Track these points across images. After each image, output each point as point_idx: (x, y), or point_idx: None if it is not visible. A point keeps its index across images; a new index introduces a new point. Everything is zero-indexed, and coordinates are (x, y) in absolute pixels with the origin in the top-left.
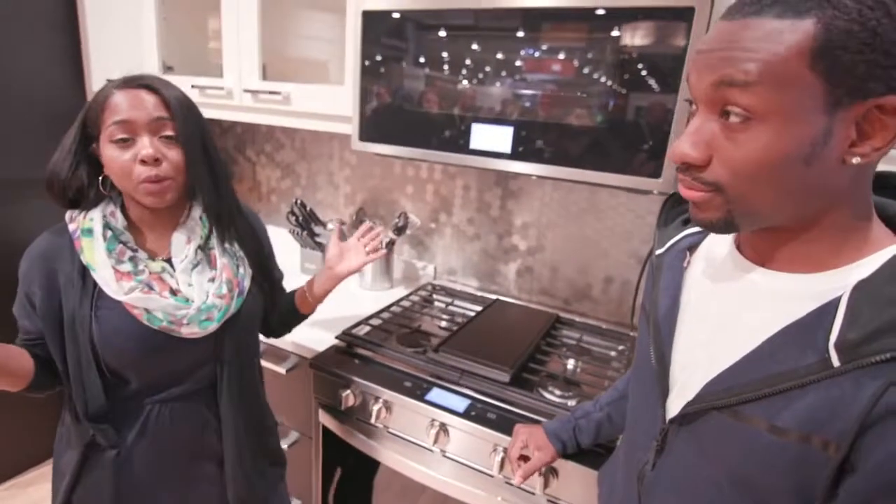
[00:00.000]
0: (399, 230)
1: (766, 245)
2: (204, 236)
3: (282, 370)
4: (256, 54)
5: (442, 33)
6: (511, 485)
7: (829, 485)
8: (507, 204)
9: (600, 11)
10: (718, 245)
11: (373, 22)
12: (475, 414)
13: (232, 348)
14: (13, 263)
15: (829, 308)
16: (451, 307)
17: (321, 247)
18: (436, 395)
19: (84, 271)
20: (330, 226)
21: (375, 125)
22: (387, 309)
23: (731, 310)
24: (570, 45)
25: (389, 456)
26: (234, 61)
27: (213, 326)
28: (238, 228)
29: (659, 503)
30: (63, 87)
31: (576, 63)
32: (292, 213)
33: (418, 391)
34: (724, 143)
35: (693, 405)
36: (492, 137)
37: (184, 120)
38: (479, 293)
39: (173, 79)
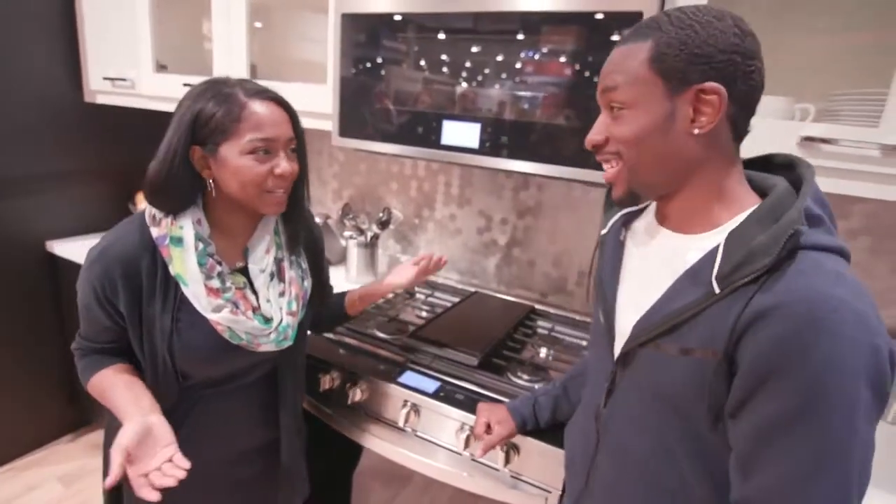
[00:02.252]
0: (383, 225)
1: (670, 213)
2: (280, 245)
3: None
4: (245, 54)
5: (412, 33)
6: (476, 462)
7: (718, 384)
8: (488, 200)
9: (560, 13)
10: (645, 219)
11: (350, 24)
12: (444, 395)
13: (290, 351)
14: (14, 255)
15: (712, 254)
16: (430, 298)
17: None
18: (408, 377)
19: (167, 280)
20: (316, 219)
21: (353, 121)
22: None
23: (649, 266)
24: (532, 45)
25: (364, 436)
26: (225, 61)
27: (287, 344)
28: (306, 239)
29: (612, 435)
30: (61, 87)
31: (538, 61)
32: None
33: (392, 374)
34: (613, 127)
35: (627, 345)
36: (461, 133)
37: (302, 136)
38: (460, 286)
39: (166, 77)
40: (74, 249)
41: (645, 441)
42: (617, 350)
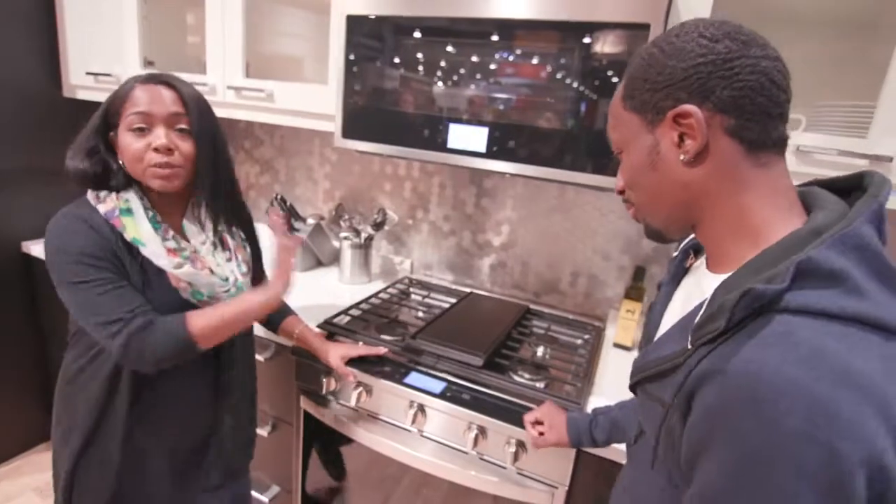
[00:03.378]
0: (377, 226)
1: (705, 248)
2: (212, 228)
3: (261, 358)
4: (240, 52)
5: (421, 37)
6: (484, 460)
7: (675, 441)
8: (482, 202)
9: (568, 22)
10: None
11: (356, 26)
12: (451, 395)
13: None
14: None
15: (704, 302)
16: (427, 299)
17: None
18: (414, 378)
19: (127, 248)
20: (310, 220)
21: (357, 123)
22: (366, 300)
23: (680, 301)
24: (542, 52)
25: (368, 437)
26: (219, 58)
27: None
28: (241, 223)
29: (630, 471)
30: (38, 80)
31: (546, 69)
32: (272, 207)
33: (397, 375)
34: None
35: (630, 383)
36: (468, 137)
37: (197, 115)
38: (454, 286)
39: None
40: None
41: (644, 482)
42: None
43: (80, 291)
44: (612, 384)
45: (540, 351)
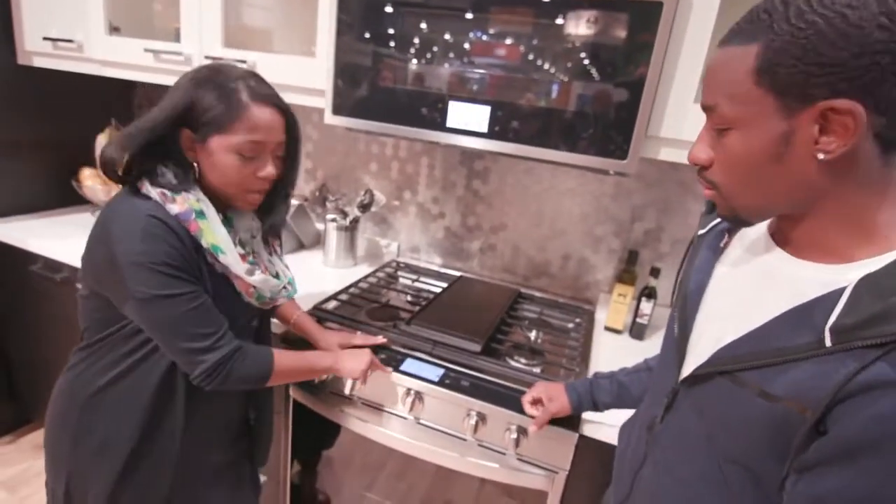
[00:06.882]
0: (364, 207)
1: (789, 232)
2: (258, 228)
3: None
4: (219, 19)
5: (418, 11)
6: (484, 447)
7: (802, 443)
8: (472, 184)
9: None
10: (755, 229)
11: None
12: (449, 382)
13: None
14: None
15: (834, 296)
16: (416, 283)
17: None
18: (410, 365)
19: (197, 251)
20: (294, 201)
21: (350, 99)
22: (354, 285)
23: (752, 288)
24: (548, 33)
25: (362, 425)
26: (195, 26)
27: (295, 294)
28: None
29: (661, 451)
30: None
31: (552, 49)
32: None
33: (393, 363)
34: (717, 148)
35: (702, 368)
36: (468, 116)
37: (295, 142)
38: (443, 270)
39: (120, 41)
40: (7, 231)
41: (694, 466)
42: (686, 368)
43: (166, 306)
44: (606, 367)
45: (533, 335)
